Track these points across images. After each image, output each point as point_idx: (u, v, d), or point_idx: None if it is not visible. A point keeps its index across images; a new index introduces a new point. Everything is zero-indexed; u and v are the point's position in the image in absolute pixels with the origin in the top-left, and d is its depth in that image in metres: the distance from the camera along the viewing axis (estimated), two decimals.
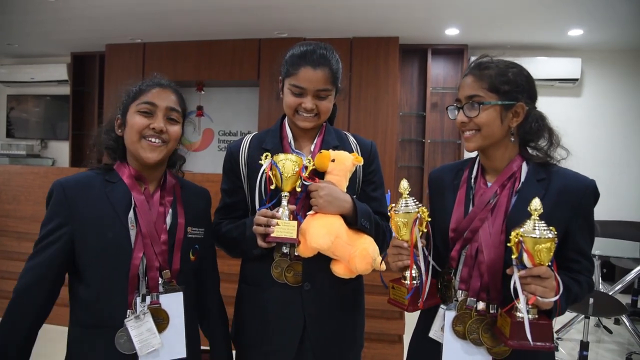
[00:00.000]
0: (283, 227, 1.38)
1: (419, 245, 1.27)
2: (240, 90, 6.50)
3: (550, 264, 1.11)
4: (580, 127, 5.50)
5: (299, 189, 1.46)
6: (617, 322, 4.25)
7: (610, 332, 4.08)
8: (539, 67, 5.40)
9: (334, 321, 1.53)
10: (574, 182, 1.29)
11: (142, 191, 1.37)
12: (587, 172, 1.30)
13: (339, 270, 1.45)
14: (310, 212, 1.45)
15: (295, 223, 1.39)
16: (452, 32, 5.37)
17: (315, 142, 1.57)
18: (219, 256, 1.61)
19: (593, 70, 5.68)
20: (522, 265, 1.12)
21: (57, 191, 1.32)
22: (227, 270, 1.88)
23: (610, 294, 3.68)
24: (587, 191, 1.27)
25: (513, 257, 1.13)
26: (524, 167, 1.34)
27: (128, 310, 1.28)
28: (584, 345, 3.01)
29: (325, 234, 1.38)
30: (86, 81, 6.90)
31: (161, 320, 1.31)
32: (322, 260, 1.44)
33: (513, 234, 1.12)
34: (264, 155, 1.46)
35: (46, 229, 1.30)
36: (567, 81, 5.54)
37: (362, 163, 1.53)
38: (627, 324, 3.75)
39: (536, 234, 1.09)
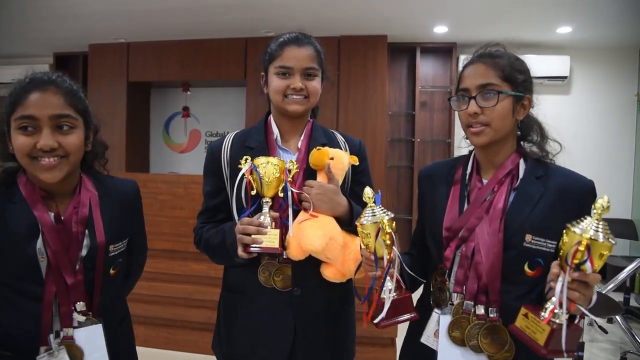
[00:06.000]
0: (264, 236, 1.30)
1: (385, 258, 1.19)
2: (227, 90, 6.40)
3: None
4: (569, 125, 5.45)
5: (281, 194, 1.37)
6: (610, 320, 4.23)
7: (605, 332, 4.04)
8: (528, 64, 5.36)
9: (326, 327, 1.46)
10: (574, 182, 1.24)
11: (51, 212, 1.18)
12: (576, 170, 1.27)
13: (330, 273, 1.38)
14: (302, 214, 1.37)
15: (277, 232, 1.31)
16: (440, 30, 5.33)
17: (302, 138, 1.49)
18: (202, 259, 1.54)
19: (582, 67, 5.68)
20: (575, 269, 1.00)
21: None
22: (214, 274, 1.81)
23: (603, 292, 3.64)
24: (587, 191, 1.23)
25: (575, 261, 0.99)
26: (522, 164, 1.28)
27: (41, 347, 1.15)
28: (579, 346, 2.97)
29: (321, 235, 1.31)
30: None
31: (75, 356, 1.16)
32: (312, 264, 1.37)
33: (584, 238, 0.98)
34: (244, 158, 1.38)
35: None
36: (556, 79, 5.52)
37: (357, 163, 1.47)
38: (621, 322, 3.72)
39: (599, 237, 0.97)
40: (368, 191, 1.22)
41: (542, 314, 1.06)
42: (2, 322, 1.17)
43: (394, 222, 1.21)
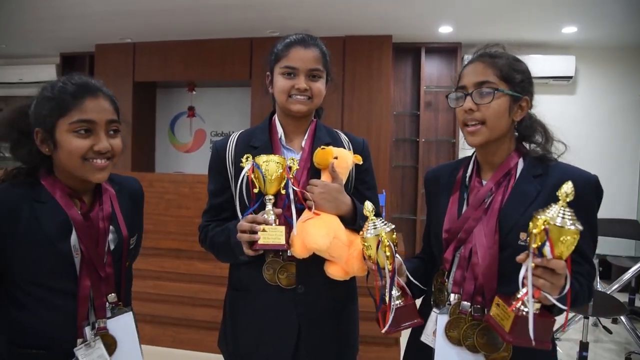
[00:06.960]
0: (270, 232, 1.31)
1: (387, 268, 1.20)
2: (232, 90, 6.42)
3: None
4: (574, 125, 5.45)
5: (283, 191, 1.39)
6: (615, 321, 4.22)
7: (610, 332, 4.04)
8: (533, 64, 5.22)
9: (329, 324, 1.48)
10: (575, 177, 1.18)
11: (78, 209, 1.24)
12: None
13: (334, 271, 1.39)
14: (306, 212, 1.39)
15: (282, 228, 1.33)
16: (445, 30, 5.32)
17: (306, 137, 1.51)
18: (208, 258, 1.55)
19: (587, 67, 5.65)
20: (539, 255, 1.00)
21: None
22: (220, 273, 1.82)
23: (608, 292, 3.64)
24: (588, 185, 1.20)
25: (534, 245, 1.00)
26: (520, 163, 1.28)
27: (78, 339, 1.20)
28: (584, 346, 2.97)
29: (325, 234, 1.32)
30: None
31: (109, 344, 1.24)
32: (316, 262, 1.38)
33: (541, 220, 0.98)
34: (245, 157, 1.40)
35: None
36: (561, 79, 5.50)
37: (361, 162, 1.49)
38: (626, 323, 3.71)
39: (566, 224, 0.96)
40: (368, 206, 1.24)
41: (512, 301, 1.06)
42: (33, 321, 1.20)
43: (394, 234, 1.22)
